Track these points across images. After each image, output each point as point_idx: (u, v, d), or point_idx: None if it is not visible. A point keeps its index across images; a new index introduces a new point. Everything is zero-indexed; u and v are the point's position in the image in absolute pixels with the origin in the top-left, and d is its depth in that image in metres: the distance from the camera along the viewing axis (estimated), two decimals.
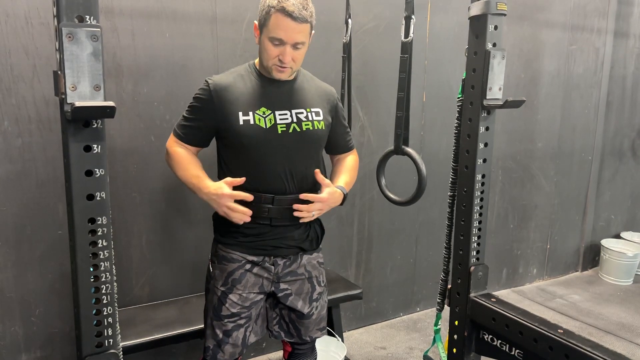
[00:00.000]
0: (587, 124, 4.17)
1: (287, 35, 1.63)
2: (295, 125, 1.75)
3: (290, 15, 1.60)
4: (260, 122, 1.71)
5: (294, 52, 1.67)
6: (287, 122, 1.74)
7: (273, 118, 1.73)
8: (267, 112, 1.73)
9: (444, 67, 3.31)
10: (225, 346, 1.80)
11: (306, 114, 1.78)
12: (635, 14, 4.24)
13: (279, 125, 1.73)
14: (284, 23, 1.61)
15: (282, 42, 1.64)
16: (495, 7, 1.88)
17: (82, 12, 1.22)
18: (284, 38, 1.63)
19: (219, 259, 1.82)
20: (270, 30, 1.63)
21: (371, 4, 2.95)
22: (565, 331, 1.80)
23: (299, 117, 1.77)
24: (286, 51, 1.65)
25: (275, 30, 1.62)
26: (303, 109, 1.78)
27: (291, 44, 1.65)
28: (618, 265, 4.20)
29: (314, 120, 1.79)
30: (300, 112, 1.77)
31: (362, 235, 3.23)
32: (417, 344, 3.17)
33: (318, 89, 1.87)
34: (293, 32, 1.63)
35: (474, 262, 2.11)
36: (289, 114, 1.76)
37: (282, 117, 1.74)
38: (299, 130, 1.76)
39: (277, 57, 1.67)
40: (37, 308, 2.31)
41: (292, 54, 1.67)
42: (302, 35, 1.66)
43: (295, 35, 1.63)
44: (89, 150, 1.29)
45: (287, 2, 1.59)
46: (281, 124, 1.73)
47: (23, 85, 2.13)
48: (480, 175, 2.05)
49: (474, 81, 1.98)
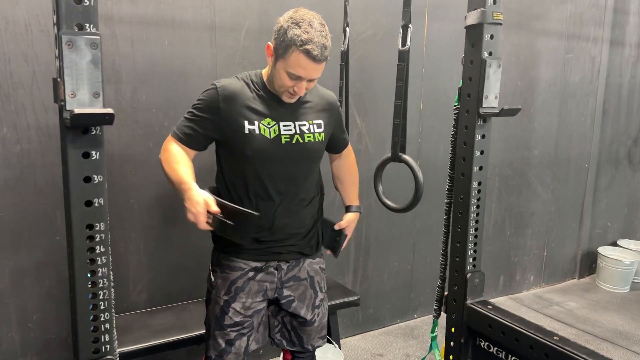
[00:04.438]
0: (584, 132, 4.19)
1: (306, 73, 1.65)
2: (299, 136, 1.78)
3: (313, 58, 1.61)
4: (265, 133, 1.72)
5: (308, 83, 1.71)
6: (291, 134, 1.76)
7: (277, 129, 1.74)
8: (272, 122, 1.74)
9: (441, 75, 3.33)
10: (228, 355, 1.80)
11: (308, 127, 1.81)
12: (630, 23, 4.27)
13: (282, 136, 1.75)
14: (305, 63, 1.62)
15: (300, 79, 1.66)
16: (491, 17, 1.90)
17: (81, 20, 1.23)
18: (302, 75, 1.65)
19: (221, 267, 1.83)
20: (289, 65, 1.63)
21: (368, 13, 2.97)
22: (561, 338, 1.81)
23: (301, 129, 1.79)
24: (302, 85, 1.69)
25: (295, 67, 1.63)
26: (306, 121, 1.81)
27: (307, 79, 1.68)
28: (615, 272, 4.21)
29: (315, 133, 1.82)
30: (303, 125, 1.80)
31: (359, 241, 3.24)
32: (414, 351, 3.17)
33: (321, 99, 1.89)
34: (312, 71, 1.65)
35: (471, 269, 2.11)
36: (293, 126, 1.78)
37: (286, 128, 1.76)
38: (301, 142, 1.78)
39: (291, 87, 1.69)
40: (35, 314, 2.30)
41: (306, 85, 1.71)
42: (319, 72, 1.69)
43: (312, 73, 1.66)
44: (88, 156, 1.30)
45: (311, 45, 1.59)
46: (285, 135, 1.75)
47: (22, 91, 2.14)
48: (476, 182, 2.06)
49: (470, 89, 2.00)
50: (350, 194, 2.08)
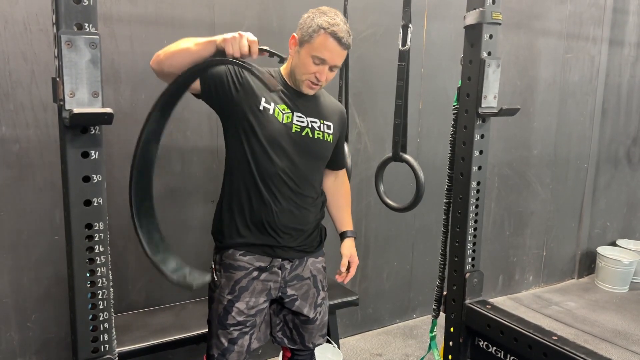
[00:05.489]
0: (583, 132, 4.20)
1: (331, 56, 1.68)
2: (309, 130, 1.80)
3: (339, 40, 1.66)
4: (279, 116, 1.74)
5: (329, 73, 1.73)
6: (302, 126, 1.79)
7: (291, 117, 1.77)
8: (287, 110, 1.77)
9: (441, 75, 3.33)
10: (231, 354, 1.81)
11: (319, 124, 1.83)
12: (630, 22, 4.28)
13: (294, 125, 1.77)
14: (331, 45, 1.66)
15: (324, 62, 1.69)
16: (491, 17, 1.90)
17: (81, 20, 1.23)
18: (327, 59, 1.68)
19: (224, 267, 1.82)
20: (315, 48, 1.67)
21: (368, 12, 2.97)
22: (560, 338, 1.81)
23: (313, 125, 1.81)
24: (324, 71, 1.71)
25: (321, 50, 1.67)
26: (318, 119, 1.83)
27: (331, 65, 1.71)
28: (614, 272, 4.21)
29: (325, 132, 1.84)
30: (314, 122, 1.82)
31: (358, 241, 3.23)
32: (414, 351, 3.17)
33: (332, 104, 1.93)
34: (337, 55, 1.69)
35: (469, 269, 2.11)
36: (305, 120, 1.80)
37: (299, 119, 1.79)
38: (310, 136, 1.80)
39: (313, 73, 1.71)
40: (33, 313, 2.30)
41: (327, 74, 1.73)
42: (341, 59, 1.73)
43: (337, 58, 1.70)
44: (87, 156, 1.30)
45: (337, 27, 1.66)
46: (297, 124, 1.77)
47: (21, 90, 2.14)
48: (475, 182, 2.06)
49: (469, 89, 2.00)
50: (345, 217, 2.09)
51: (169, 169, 2.51)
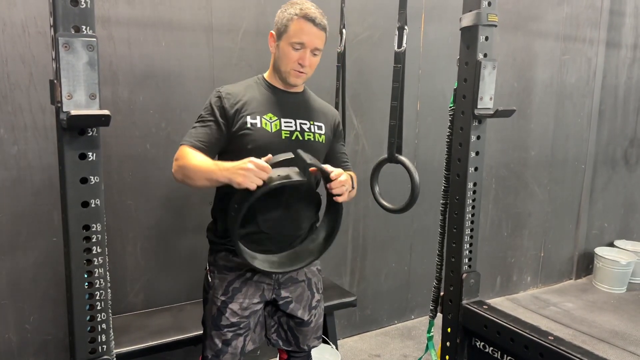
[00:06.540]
0: (580, 133, 4.21)
1: (309, 39, 1.72)
2: (299, 134, 1.80)
3: (312, 21, 1.71)
4: (267, 126, 1.75)
5: (311, 58, 1.75)
6: (291, 130, 1.79)
7: (279, 124, 1.77)
8: (274, 118, 1.77)
9: (438, 77, 3.34)
10: (225, 355, 1.81)
11: (309, 126, 1.83)
12: (626, 24, 4.29)
13: (283, 131, 1.77)
14: (307, 28, 1.71)
15: (303, 46, 1.72)
16: (486, 19, 1.91)
17: (78, 23, 1.24)
18: (305, 42, 1.71)
19: (218, 268, 1.83)
20: (291, 35, 1.71)
21: (365, 14, 2.98)
22: (556, 338, 1.81)
23: (302, 127, 1.82)
24: (306, 55, 1.73)
25: (298, 34, 1.71)
26: (307, 121, 1.84)
27: (311, 48, 1.73)
28: (611, 273, 4.22)
29: (316, 133, 1.84)
30: (304, 123, 1.82)
31: (356, 242, 3.24)
32: (412, 352, 3.18)
33: (322, 106, 1.94)
34: (314, 37, 1.72)
35: (466, 270, 2.12)
36: (294, 123, 1.80)
37: (287, 124, 1.79)
38: (301, 139, 1.80)
39: (296, 61, 1.74)
40: (31, 315, 2.31)
41: (310, 59, 1.75)
42: (321, 41, 1.76)
43: (315, 40, 1.73)
44: (84, 157, 1.30)
45: (309, 10, 1.72)
46: (285, 130, 1.78)
47: (19, 93, 2.14)
48: (471, 183, 2.07)
49: (465, 91, 2.01)
50: None
51: (167, 170, 2.51)
